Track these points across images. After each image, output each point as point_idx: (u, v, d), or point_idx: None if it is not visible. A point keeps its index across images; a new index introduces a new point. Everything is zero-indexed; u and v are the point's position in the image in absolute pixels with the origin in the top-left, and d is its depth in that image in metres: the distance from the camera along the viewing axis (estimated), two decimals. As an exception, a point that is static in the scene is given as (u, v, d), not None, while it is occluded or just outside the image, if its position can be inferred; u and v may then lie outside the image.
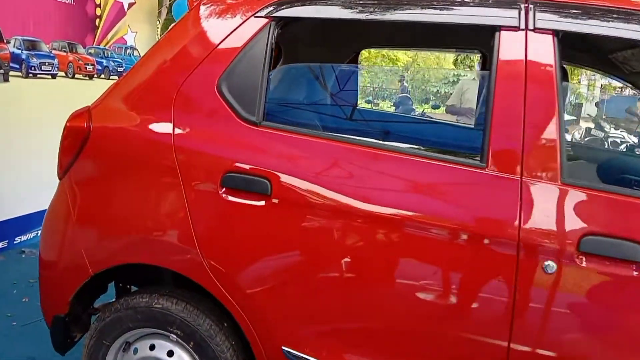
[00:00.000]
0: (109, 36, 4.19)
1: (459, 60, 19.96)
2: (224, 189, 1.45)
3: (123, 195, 1.57)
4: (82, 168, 1.63)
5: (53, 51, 3.62)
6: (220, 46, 1.54)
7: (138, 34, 4.52)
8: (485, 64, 2.44)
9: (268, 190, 1.42)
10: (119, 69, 4.35)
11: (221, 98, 1.50)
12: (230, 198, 1.45)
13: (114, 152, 1.60)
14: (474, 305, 1.32)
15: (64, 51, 3.73)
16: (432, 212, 1.33)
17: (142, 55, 4.59)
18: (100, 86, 4.10)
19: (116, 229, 1.59)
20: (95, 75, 4.09)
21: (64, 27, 3.72)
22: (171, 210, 1.52)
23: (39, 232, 3.69)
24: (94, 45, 4.04)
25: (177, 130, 1.52)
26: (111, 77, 4.26)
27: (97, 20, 4.01)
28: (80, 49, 3.88)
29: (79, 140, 1.61)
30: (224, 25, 1.57)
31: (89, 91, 4.01)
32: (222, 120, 1.50)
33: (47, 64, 3.57)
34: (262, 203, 1.43)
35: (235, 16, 1.57)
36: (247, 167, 1.44)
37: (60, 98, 3.70)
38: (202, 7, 1.66)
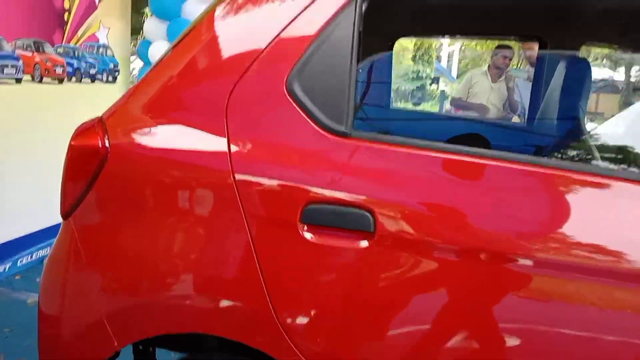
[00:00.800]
0: (79, 33, 3.65)
1: (417, 56, 19.94)
2: (305, 227, 1.06)
3: (160, 241, 1.15)
4: (98, 204, 1.19)
5: (17, 51, 3.08)
6: (284, 34, 1.13)
7: (111, 30, 4.00)
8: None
9: (370, 227, 1.04)
10: (91, 71, 3.82)
11: (294, 102, 1.10)
12: (315, 239, 1.06)
13: (142, 181, 1.17)
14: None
15: (30, 51, 3.18)
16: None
17: (115, 55, 4.11)
18: (73, 91, 3.62)
19: (153, 288, 1.16)
20: (66, 79, 3.55)
21: (29, 22, 3.17)
22: (232, 259, 1.11)
23: (8, 265, 3.06)
24: (63, 44, 3.50)
25: (234, 148, 1.11)
26: (83, 80, 3.73)
27: (66, 14, 3.47)
28: (48, 48, 3.34)
29: (92, 165, 1.18)
30: (286, 5, 1.17)
31: (61, 97, 3.53)
32: (296, 131, 1.10)
33: (10, 66, 3.02)
34: (365, 244, 1.04)
35: None
36: (337, 195, 1.06)
37: (28, 107, 3.17)
38: None
